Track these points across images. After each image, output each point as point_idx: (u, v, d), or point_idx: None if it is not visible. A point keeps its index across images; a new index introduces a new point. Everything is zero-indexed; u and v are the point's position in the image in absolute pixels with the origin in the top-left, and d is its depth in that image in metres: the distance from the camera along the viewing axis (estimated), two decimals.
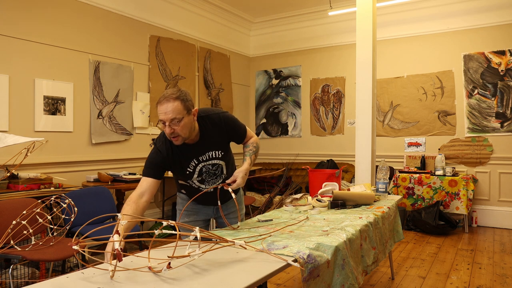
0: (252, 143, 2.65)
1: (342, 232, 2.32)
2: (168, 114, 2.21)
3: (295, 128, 8.03)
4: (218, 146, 2.52)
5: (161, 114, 2.23)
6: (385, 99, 7.08)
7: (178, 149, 2.42)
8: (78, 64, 5.20)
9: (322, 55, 7.75)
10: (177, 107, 2.21)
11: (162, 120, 2.24)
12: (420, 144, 6.79)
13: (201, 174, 2.52)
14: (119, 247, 1.58)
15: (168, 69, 6.50)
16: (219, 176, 2.61)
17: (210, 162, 2.52)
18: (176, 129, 2.25)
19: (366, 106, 4.62)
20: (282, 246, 2.01)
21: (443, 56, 6.61)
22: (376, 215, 2.88)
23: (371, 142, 4.58)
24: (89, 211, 4.01)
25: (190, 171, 2.49)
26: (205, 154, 2.48)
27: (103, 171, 5.27)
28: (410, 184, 6.21)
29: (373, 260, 2.65)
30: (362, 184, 3.82)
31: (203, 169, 2.51)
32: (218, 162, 2.55)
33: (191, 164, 2.47)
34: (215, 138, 2.49)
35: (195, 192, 2.58)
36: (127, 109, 5.83)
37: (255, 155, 2.62)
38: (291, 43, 8.04)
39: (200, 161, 2.49)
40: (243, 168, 2.49)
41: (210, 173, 2.56)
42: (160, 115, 2.24)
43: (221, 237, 1.94)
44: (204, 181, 2.57)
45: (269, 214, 3.02)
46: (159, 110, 2.24)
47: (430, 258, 4.79)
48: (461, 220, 6.22)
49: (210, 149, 2.49)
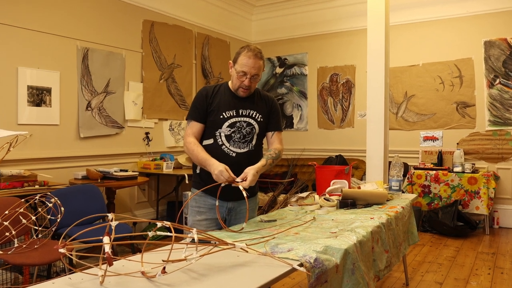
0: (275, 149, 2.83)
1: (352, 234, 2.32)
2: (254, 69, 2.64)
3: (301, 121, 8.03)
4: (260, 111, 2.81)
5: (247, 67, 2.62)
6: (399, 89, 7.06)
7: (224, 94, 2.77)
8: (65, 51, 5.19)
9: (331, 41, 7.72)
10: (261, 65, 2.67)
11: (245, 72, 2.64)
12: (437, 138, 6.78)
13: (233, 126, 2.73)
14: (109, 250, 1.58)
15: (162, 57, 6.49)
16: (248, 142, 2.76)
17: (247, 120, 2.75)
18: (253, 83, 2.69)
19: (378, 96, 4.61)
20: (286, 249, 2.01)
21: (462, 43, 6.58)
22: (389, 216, 2.88)
23: (383, 136, 4.57)
24: (77, 211, 4.02)
25: (225, 117, 2.72)
26: (246, 110, 2.76)
27: (92, 167, 5.27)
28: (426, 182, 6.20)
29: (386, 264, 2.64)
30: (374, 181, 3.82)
31: (237, 123, 2.73)
32: (254, 125, 2.77)
33: (229, 112, 2.73)
34: (260, 105, 2.82)
35: (217, 155, 2.65)
36: (118, 100, 5.82)
37: (273, 160, 2.76)
38: (297, 28, 8.02)
39: (239, 114, 2.74)
40: (255, 165, 2.59)
41: (241, 132, 2.74)
42: (244, 67, 2.63)
43: (221, 239, 1.93)
44: (231, 138, 2.73)
45: (272, 214, 3.02)
46: (244, 61, 2.62)
47: (448, 262, 4.79)
48: (482, 221, 6.21)
49: (252, 108, 2.78)
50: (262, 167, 2.63)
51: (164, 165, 5.92)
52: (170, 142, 6.65)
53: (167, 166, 5.96)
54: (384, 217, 2.80)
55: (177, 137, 6.73)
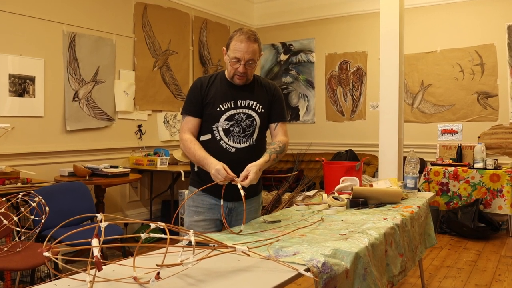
0: (279, 142, 2.81)
1: (363, 236, 2.31)
2: (248, 54, 2.60)
3: (308, 113, 8.02)
4: (261, 101, 2.80)
5: (239, 52, 2.60)
6: (415, 78, 7.05)
7: (220, 84, 2.76)
8: (50, 36, 5.18)
9: (340, 26, 7.71)
10: (256, 49, 2.64)
11: (238, 58, 2.61)
12: (456, 132, 6.76)
13: (231, 119, 2.72)
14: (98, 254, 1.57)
15: (156, 43, 6.48)
16: (248, 137, 2.75)
17: (246, 111, 2.74)
18: (249, 70, 2.66)
19: (392, 86, 4.60)
20: (292, 252, 2.01)
21: (484, 27, 6.56)
22: (403, 216, 2.87)
23: (397, 129, 4.57)
24: (63, 211, 4.01)
25: (222, 110, 2.71)
26: (245, 100, 2.75)
27: (80, 163, 5.27)
28: (444, 179, 6.19)
29: (400, 269, 2.64)
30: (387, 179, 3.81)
31: (235, 115, 2.72)
32: (254, 117, 2.76)
33: (227, 104, 2.72)
34: (260, 95, 2.81)
35: (215, 152, 2.65)
36: (108, 90, 5.82)
37: (277, 155, 2.72)
38: (303, 11, 8.00)
39: (238, 106, 2.73)
40: (257, 162, 2.57)
41: (240, 125, 2.73)
42: (237, 53, 2.60)
43: (220, 242, 1.93)
44: (230, 132, 2.72)
45: (276, 214, 3.01)
46: (236, 46, 2.60)
47: (468, 267, 4.79)
48: (505, 221, 6.21)
49: (252, 98, 2.77)
50: (265, 163, 2.62)
51: (158, 160, 5.93)
52: (165, 135, 6.65)
53: (161, 162, 5.96)
54: (399, 218, 2.80)
55: (172, 130, 6.73)
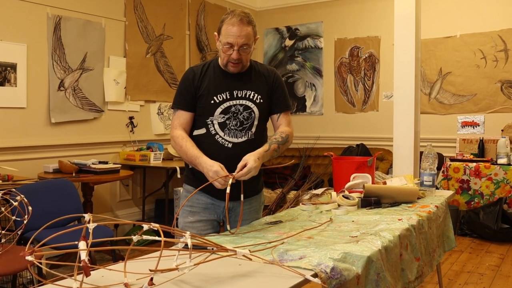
0: (281, 132, 2.79)
1: (376, 238, 2.31)
2: (241, 38, 2.55)
3: (315, 103, 8.01)
4: (259, 90, 2.77)
5: (231, 36, 2.55)
6: (432, 65, 7.03)
7: (213, 74, 2.74)
8: (33, 20, 5.17)
9: (350, 8, 7.69)
10: (250, 32, 2.58)
11: (231, 44, 2.57)
12: (478, 124, 6.75)
13: (227, 112, 2.70)
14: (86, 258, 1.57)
15: (150, 27, 6.47)
16: (246, 130, 2.74)
17: (243, 103, 2.73)
18: (243, 55, 2.62)
19: (407, 74, 4.59)
20: (298, 256, 2.00)
21: (508, 10, 6.54)
22: (420, 217, 2.87)
23: (413, 121, 4.57)
24: (47, 211, 4.02)
25: (216, 102, 2.70)
26: (242, 90, 2.73)
27: (66, 159, 5.27)
28: (464, 176, 6.19)
29: (417, 274, 2.64)
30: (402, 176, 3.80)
31: (232, 107, 2.71)
32: (253, 108, 2.74)
33: (221, 95, 2.70)
34: (258, 83, 2.79)
35: (210, 147, 2.65)
36: (96, 78, 5.82)
37: (278, 146, 2.70)
38: None
39: (234, 97, 2.71)
40: (255, 151, 2.56)
41: (237, 118, 2.72)
42: (229, 38, 2.56)
43: (219, 245, 1.93)
44: (226, 126, 2.71)
45: (281, 214, 3.01)
46: (228, 31, 2.56)
47: (491, 272, 4.79)
48: None
49: (249, 88, 2.75)
50: (265, 153, 2.59)
51: (151, 156, 5.93)
52: (159, 128, 6.65)
53: (155, 157, 5.97)
54: (415, 218, 2.80)
55: (166, 123, 6.73)
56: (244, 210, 2.80)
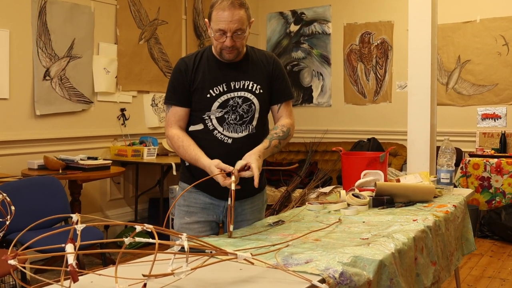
0: (282, 126, 2.78)
1: (388, 240, 2.31)
2: (234, 23, 2.52)
3: (323, 94, 8.01)
4: (258, 80, 2.76)
5: (223, 22, 2.52)
6: (450, 52, 7.03)
7: (207, 64, 2.72)
8: (16, 3, 5.17)
9: None
10: (243, 16, 2.54)
11: (223, 30, 2.54)
12: (499, 117, 6.75)
13: (225, 105, 2.70)
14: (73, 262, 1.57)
15: (143, 11, 6.47)
16: (247, 124, 2.74)
17: (242, 94, 2.71)
18: (238, 42, 2.59)
19: (422, 62, 4.59)
20: (304, 260, 2.01)
21: None
22: (437, 217, 2.87)
23: (429, 113, 4.56)
24: (32, 211, 4.03)
25: (213, 95, 2.69)
26: (239, 81, 2.71)
27: (52, 154, 5.28)
28: (485, 173, 6.19)
29: (433, 280, 2.65)
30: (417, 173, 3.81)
31: (230, 100, 2.70)
32: (252, 100, 2.73)
33: (218, 88, 2.69)
34: (256, 72, 2.77)
35: (208, 143, 2.66)
36: (85, 67, 5.82)
37: (279, 141, 2.70)
38: None
39: (231, 89, 2.70)
40: (254, 150, 2.55)
41: (236, 112, 2.71)
42: (221, 24, 2.52)
43: (219, 248, 1.93)
44: (225, 121, 2.70)
45: (286, 215, 3.01)
46: (219, 16, 2.52)
47: None
48: None
49: (247, 78, 2.73)
50: (265, 150, 2.60)
51: (144, 151, 5.93)
52: (153, 121, 6.66)
53: (148, 153, 5.97)
54: (431, 219, 2.80)
55: (161, 115, 6.73)
56: (246, 210, 2.82)
